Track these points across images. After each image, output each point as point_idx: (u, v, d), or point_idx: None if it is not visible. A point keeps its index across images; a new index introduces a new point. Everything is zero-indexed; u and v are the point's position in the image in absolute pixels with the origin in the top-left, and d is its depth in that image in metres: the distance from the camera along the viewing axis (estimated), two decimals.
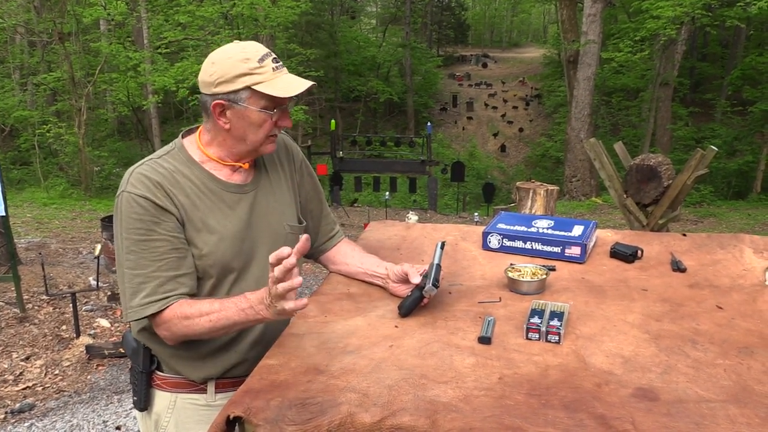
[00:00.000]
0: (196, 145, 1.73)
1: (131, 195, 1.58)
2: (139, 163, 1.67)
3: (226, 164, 1.72)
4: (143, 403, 1.77)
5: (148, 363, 1.75)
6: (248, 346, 1.74)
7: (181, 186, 1.64)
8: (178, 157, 1.70)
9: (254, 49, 1.62)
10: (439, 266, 1.64)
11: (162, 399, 1.76)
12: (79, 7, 16.04)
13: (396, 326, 1.56)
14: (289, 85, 1.61)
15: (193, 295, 1.63)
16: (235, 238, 1.68)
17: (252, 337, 1.74)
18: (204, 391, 1.75)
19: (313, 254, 2.01)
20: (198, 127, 1.77)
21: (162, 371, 1.76)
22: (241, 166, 1.73)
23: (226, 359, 1.72)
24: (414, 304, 1.61)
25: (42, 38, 17.57)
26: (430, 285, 1.59)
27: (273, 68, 1.61)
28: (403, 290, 1.73)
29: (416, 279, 1.66)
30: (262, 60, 1.60)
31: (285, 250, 1.34)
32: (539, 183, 5.87)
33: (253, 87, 1.59)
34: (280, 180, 1.85)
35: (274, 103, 1.62)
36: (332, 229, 2.02)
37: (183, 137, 1.76)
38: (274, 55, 1.65)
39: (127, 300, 1.59)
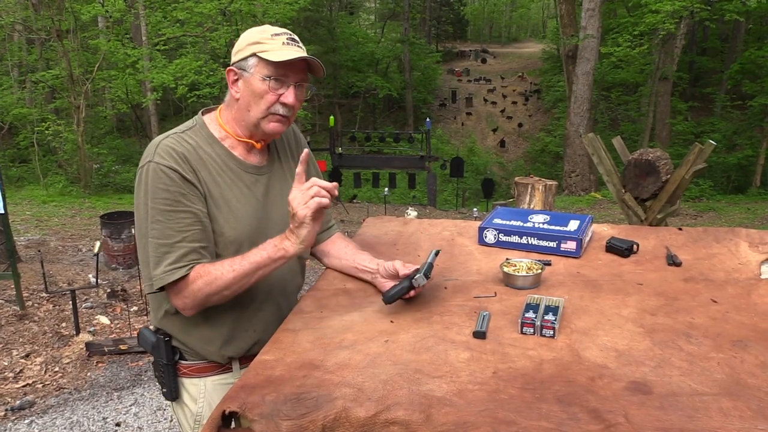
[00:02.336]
0: (216, 121, 1.77)
1: (159, 165, 1.60)
2: (164, 135, 1.69)
3: (242, 140, 1.75)
4: (174, 394, 1.81)
5: (171, 354, 1.78)
6: (264, 324, 1.78)
7: (204, 162, 1.68)
8: (200, 133, 1.73)
9: (276, 28, 1.69)
10: (431, 264, 1.64)
11: (191, 386, 1.81)
12: (77, 5, 16.01)
13: (391, 321, 1.56)
14: (290, 54, 1.63)
15: None
16: (251, 217, 1.72)
17: (267, 316, 1.79)
18: (230, 369, 1.80)
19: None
20: (217, 107, 1.81)
21: (185, 360, 1.79)
22: (254, 145, 1.76)
23: (246, 339, 1.77)
24: (400, 294, 1.60)
25: (40, 36, 17.51)
26: (421, 275, 1.59)
27: (284, 42, 1.65)
28: (390, 286, 1.72)
29: (405, 271, 1.68)
30: (276, 35, 1.65)
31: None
32: (538, 178, 5.88)
33: (258, 54, 1.63)
34: (291, 167, 1.88)
35: (276, 72, 1.64)
36: (328, 221, 2.04)
37: (203, 114, 1.79)
38: (295, 37, 1.69)
39: (151, 269, 1.62)
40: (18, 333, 5.47)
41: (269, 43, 1.64)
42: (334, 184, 1.56)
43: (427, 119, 18.08)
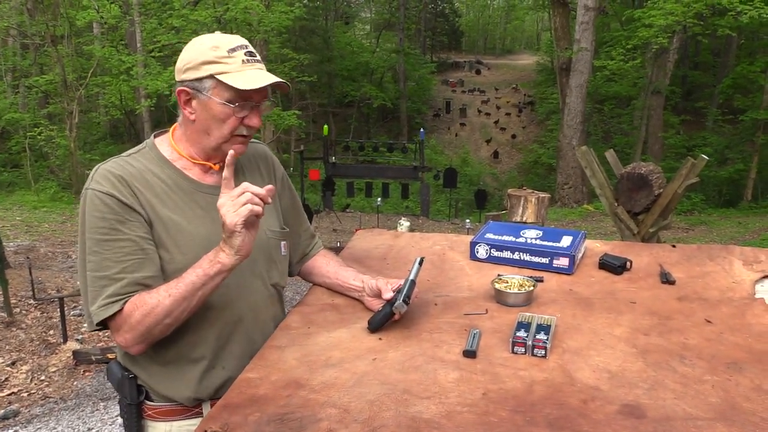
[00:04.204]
0: (168, 142, 1.66)
1: (95, 192, 1.51)
2: (106, 160, 1.59)
3: (197, 163, 1.65)
4: None
5: (136, 394, 1.65)
6: (235, 360, 1.63)
7: (150, 184, 1.57)
8: (149, 155, 1.63)
9: (228, 40, 1.56)
10: (413, 282, 1.59)
11: (156, 430, 1.67)
12: (72, 10, 15.99)
13: (380, 339, 1.53)
14: (255, 78, 1.53)
15: None
16: (206, 240, 1.56)
17: (238, 350, 1.65)
18: (200, 414, 1.65)
19: (292, 270, 1.95)
20: (169, 129, 1.71)
21: (152, 401, 1.66)
22: (211, 167, 1.66)
23: (215, 377, 1.63)
24: (384, 320, 1.56)
25: (34, 41, 17.49)
26: (401, 301, 1.54)
27: (243, 60, 1.54)
28: (378, 304, 1.66)
29: (388, 294, 1.61)
30: (233, 50, 1.53)
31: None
32: (530, 190, 5.86)
33: (217, 76, 1.52)
34: (259, 186, 1.79)
35: (239, 97, 1.53)
36: (309, 244, 1.98)
37: (155, 137, 1.70)
38: (251, 49, 1.57)
39: (89, 304, 1.50)
40: (4, 340, 5.40)
41: (227, 62, 1.52)
42: (269, 188, 1.48)
43: (421, 129, 18.10)
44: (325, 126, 17.17)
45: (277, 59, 18.79)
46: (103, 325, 1.53)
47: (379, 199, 14.07)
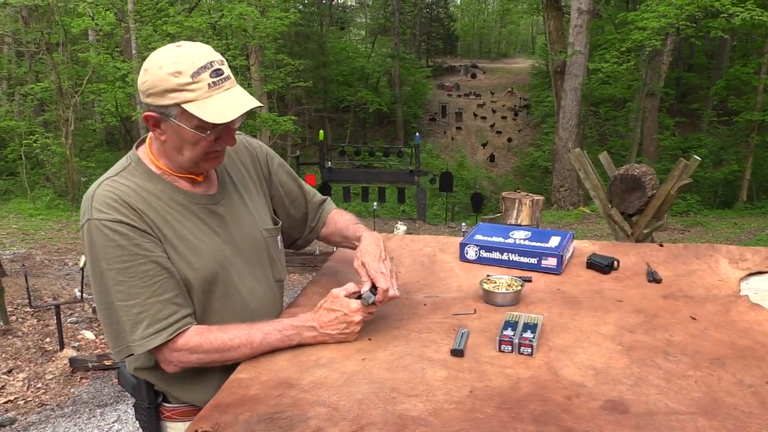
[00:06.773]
0: (148, 157, 1.59)
1: (100, 222, 1.44)
2: (97, 183, 1.52)
3: (181, 176, 1.59)
4: None
5: (153, 397, 1.65)
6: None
7: (148, 202, 1.51)
8: (137, 171, 1.56)
9: (190, 59, 1.43)
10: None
11: (176, 431, 1.67)
12: (67, 18, 16.01)
13: (369, 339, 1.55)
14: (225, 107, 1.43)
15: (193, 314, 1.54)
16: (214, 252, 1.57)
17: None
18: None
19: (310, 237, 1.95)
20: (147, 137, 1.63)
21: (169, 402, 1.67)
22: (195, 179, 1.61)
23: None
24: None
25: (30, 48, 17.50)
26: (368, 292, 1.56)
27: (209, 84, 1.43)
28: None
29: (383, 284, 1.57)
30: (196, 74, 1.42)
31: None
32: (525, 193, 5.89)
33: (183, 105, 1.42)
34: (247, 184, 1.74)
35: (209, 125, 1.44)
36: (319, 205, 1.95)
37: (137, 148, 1.62)
38: (217, 66, 1.45)
39: (128, 334, 1.46)
40: (1, 348, 5.40)
41: (191, 90, 1.41)
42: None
43: (417, 134, 18.14)
44: (321, 131, 17.21)
45: (272, 65, 18.86)
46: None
47: (375, 203, 14.07)
